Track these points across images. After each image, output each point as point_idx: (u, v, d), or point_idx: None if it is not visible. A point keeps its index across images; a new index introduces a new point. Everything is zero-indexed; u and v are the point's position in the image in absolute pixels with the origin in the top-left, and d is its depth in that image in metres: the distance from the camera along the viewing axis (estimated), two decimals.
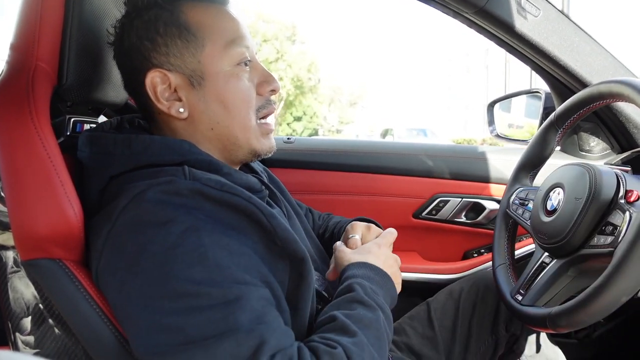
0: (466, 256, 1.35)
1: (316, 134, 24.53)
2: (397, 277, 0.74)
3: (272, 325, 0.55)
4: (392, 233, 0.80)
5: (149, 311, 0.54)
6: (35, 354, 0.65)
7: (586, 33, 1.05)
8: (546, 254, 0.81)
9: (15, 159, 0.59)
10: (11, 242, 0.64)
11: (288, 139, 1.36)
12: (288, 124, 22.73)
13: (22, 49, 0.65)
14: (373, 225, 0.86)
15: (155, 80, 0.67)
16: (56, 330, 0.64)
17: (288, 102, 21.99)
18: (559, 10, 1.03)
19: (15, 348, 0.65)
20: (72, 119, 0.74)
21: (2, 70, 0.66)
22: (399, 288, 0.74)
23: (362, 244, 0.80)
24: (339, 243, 0.81)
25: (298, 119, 23.57)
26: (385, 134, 16.67)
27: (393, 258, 0.76)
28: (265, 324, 0.54)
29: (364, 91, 28.90)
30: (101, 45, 0.75)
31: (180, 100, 0.68)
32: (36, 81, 0.62)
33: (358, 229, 0.83)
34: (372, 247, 0.76)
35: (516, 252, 1.02)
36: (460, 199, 1.28)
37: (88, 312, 0.60)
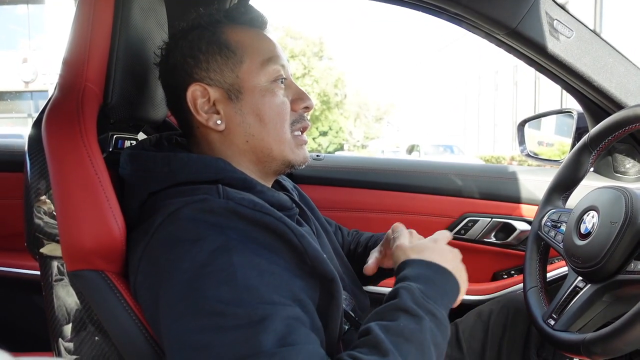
0: (495, 277, 1.32)
1: (342, 148, 24.60)
2: (460, 272, 0.69)
3: (296, 348, 0.53)
4: (444, 232, 0.76)
5: (179, 327, 0.55)
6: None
7: (620, 53, 1.03)
8: (580, 278, 0.80)
9: (67, 175, 0.62)
10: (56, 253, 0.67)
11: (317, 156, 1.37)
12: (314, 139, 22.87)
13: (73, 68, 0.69)
14: (414, 231, 0.80)
15: (195, 94, 0.70)
16: (95, 337, 0.67)
17: (314, 117, 22.17)
18: (592, 31, 1.02)
19: (58, 354, 0.68)
20: (115, 136, 0.78)
21: (54, 90, 0.71)
22: (465, 284, 0.69)
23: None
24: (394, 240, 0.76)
25: (324, 133, 23.72)
26: (411, 149, 16.49)
27: (453, 252, 0.70)
28: (289, 346, 0.52)
29: (390, 107, 28.88)
30: (144, 65, 0.79)
31: (218, 113, 0.71)
32: (85, 101, 0.66)
33: (401, 226, 0.79)
34: (428, 243, 0.71)
35: (548, 275, 0.99)
36: (489, 219, 1.27)
37: (127, 322, 0.62)
